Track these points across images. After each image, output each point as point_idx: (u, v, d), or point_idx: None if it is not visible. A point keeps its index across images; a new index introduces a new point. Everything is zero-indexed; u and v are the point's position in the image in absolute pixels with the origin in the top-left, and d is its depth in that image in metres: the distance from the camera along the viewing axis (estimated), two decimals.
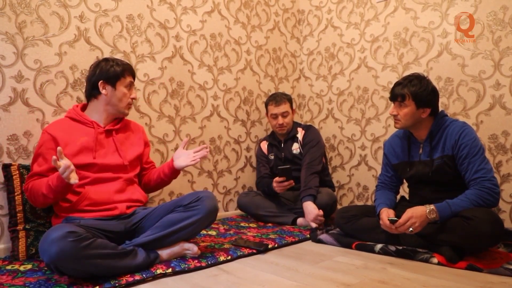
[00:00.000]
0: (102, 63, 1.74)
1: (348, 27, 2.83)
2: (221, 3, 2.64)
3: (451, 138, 1.73)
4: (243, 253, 1.73)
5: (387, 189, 1.99)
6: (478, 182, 1.64)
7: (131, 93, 1.77)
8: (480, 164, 1.66)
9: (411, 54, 2.49)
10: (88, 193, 1.60)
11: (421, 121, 1.79)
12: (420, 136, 1.84)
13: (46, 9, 1.89)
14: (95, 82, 1.71)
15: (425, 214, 1.60)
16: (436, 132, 1.79)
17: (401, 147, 1.92)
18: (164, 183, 1.88)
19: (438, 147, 1.78)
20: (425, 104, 1.75)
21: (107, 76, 1.70)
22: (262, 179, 2.57)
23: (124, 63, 1.76)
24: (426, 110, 1.77)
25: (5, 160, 1.77)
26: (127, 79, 1.75)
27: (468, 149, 1.68)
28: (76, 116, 1.72)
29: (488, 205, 1.62)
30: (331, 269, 1.54)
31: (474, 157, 1.67)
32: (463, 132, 1.71)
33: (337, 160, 2.92)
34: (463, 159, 1.69)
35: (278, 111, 2.52)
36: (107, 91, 1.71)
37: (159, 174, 1.85)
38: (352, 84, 2.82)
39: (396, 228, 1.66)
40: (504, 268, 1.44)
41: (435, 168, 1.76)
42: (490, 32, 2.16)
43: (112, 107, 1.73)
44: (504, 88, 2.12)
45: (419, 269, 1.52)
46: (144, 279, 1.41)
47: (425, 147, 1.82)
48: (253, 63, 2.84)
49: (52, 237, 1.27)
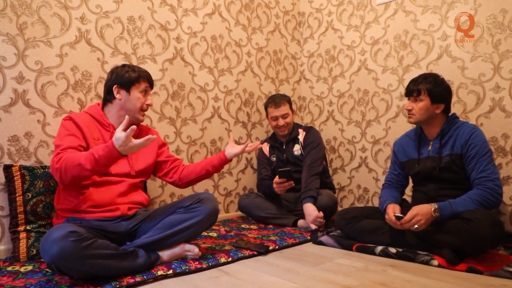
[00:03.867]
0: (119, 69, 1.74)
1: (349, 29, 2.84)
2: (222, 5, 2.65)
3: (461, 138, 1.77)
4: (244, 254, 1.73)
5: (393, 187, 2.03)
6: (482, 182, 1.68)
7: (146, 99, 1.75)
8: (487, 165, 1.70)
9: (411, 56, 2.50)
10: (91, 195, 1.59)
11: (434, 117, 1.84)
12: (431, 133, 1.89)
13: (47, 11, 1.89)
14: (110, 87, 1.71)
15: (430, 212, 1.63)
16: (447, 131, 1.83)
17: (410, 145, 1.97)
18: (209, 175, 1.86)
19: (447, 145, 1.82)
20: (439, 100, 1.82)
21: (122, 81, 1.70)
22: (263, 180, 2.57)
23: (141, 70, 1.75)
24: (440, 106, 1.83)
25: (6, 161, 1.77)
26: (142, 85, 1.73)
27: (477, 150, 1.72)
28: (97, 115, 1.72)
29: (490, 205, 1.64)
30: (332, 271, 1.54)
31: (481, 158, 1.71)
32: (474, 133, 1.76)
33: (337, 162, 2.93)
34: (471, 158, 1.73)
35: (278, 113, 2.52)
36: (121, 96, 1.70)
37: (205, 166, 1.83)
38: (353, 86, 2.82)
39: (402, 224, 1.69)
40: (504, 270, 1.44)
41: (443, 164, 1.79)
42: (489, 35, 2.17)
43: (126, 112, 1.71)
44: (504, 91, 2.13)
45: (420, 271, 1.52)
46: (145, 280, 1.41)
47: (434, 144, 1.87)
48: (253, 65, 2.85)
49: (53, 236, 1.27)
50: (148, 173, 1.83)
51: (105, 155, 1.42)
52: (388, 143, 2.62)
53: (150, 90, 1.79)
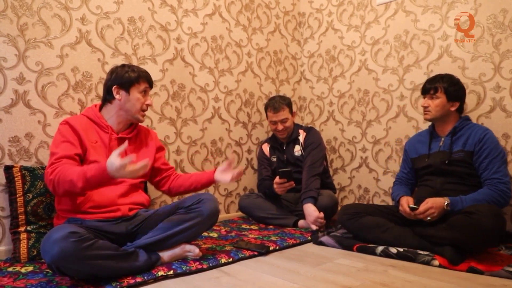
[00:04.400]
0: (118, 69, 1.73)
1: (349, 29, 2.84)
2: (222, 5, 2.65)
3: (475, 136, 1.84)
4: (245, 255, 1.73)
5: (404, 184, 2.11)
6: (494, 184, 1.74)
7: (146, 99, 1.74)
8: (500, 167, 1.77)
9: (411, 56, 2.50)
10: (92, 196, 1.59)
11: (448, 114, 1.94)
12: (443, 130, 1.97)
13: (48, 12, 1.89)
14: (109, 87, 1.71)
15: (443, 206, 1.71)
16: (460, 129, 1.92)
17: (422, 142, 2.06)
18: (196, 191, 1.86)
19: (459, 142, 1.89)
20: (455, 98, 1.92)
21: (121, 81, 1.69)
22: (264, 181, 2.57)
23: (140, 70, 1.74)
24: (455, 104, 1.93)
25: (7, 162, 1.77)
26: (142, 85, 1.72)
27: (491, 149, 1.79)
28: (94, 117, 1.71)
29: (497, 206, 1.68)
30: (332, 271, 1.54)
31: (495, 158, 1.78)
32: (488, 134, 1.84)
33: (338, 162, 2.93)
34: (484, 157, 1.79)
35: (277, 118, 2.51)
36: (120, 96, 1.69)
37: (194, 183, 1.82)
38: (353, 87, 2.82)
39: (415, 215, 1.77)
40: (505, 270, 1.44)
41: (453, 158, 1.86)
42: (490, 35, 2.16)
43: (125, 112, 1.71)
44: (505, 91, 2.12)
45: (420, 271, 1.52)
46: (146, 281, 1.41)
47: (446, 140, 1.94)
48: (254, 65, 2.85)
49: (54, 237, 1.28)
50: (147, 174, 1.83)
51: (97, 176, 1.40)
52: (388, 143, 2.62)
53: (149, 90, 1.79)
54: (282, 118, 2.51)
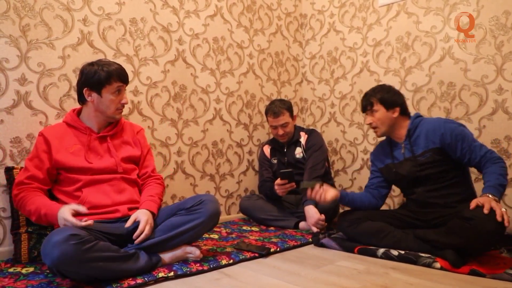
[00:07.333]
0: (88, 68, 1.64)
1: (351, 31, 2.84)
2: (224, 7, 2.65)
3: (434, 132, 1.80)
4: (245, 256, 1.72)
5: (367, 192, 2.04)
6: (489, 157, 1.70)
7: (120, 98, 1.67)
8: (478, 143, 1.74)
9: (413, 58, 2.49)
10: (87, 197, 1.58)
11: (395, 122, 1.90)
12: (399, 136, 1.93)
13: (50, 13, 1.90)
14: (80, 89, 1.66)
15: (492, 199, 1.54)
16: (414, 130, 1.87)
17: (384, 151, 2.01)
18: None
19: (419, 143, 1.84)
20: (392, 104, 1.88)
21: (91, 83, 1.61)
22: (265, 182, 2.56)
23: (111, 67, 1.63)
24: (396, 110, 1.89)
25: (8, 163, 1.77)
26: (114, 85, 1.63)
27: (461, 134, 1.74)
28: (71, 121, 1.69)
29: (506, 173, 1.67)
30: (334, 274, 1.53)
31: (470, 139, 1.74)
32: (446, 123, 1.79)
33: (339, 164, 2.92)
34: (461, 143, 1.74)
35: (277, 123, 2.51)
36: (93, 98, 1.63)
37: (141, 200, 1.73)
38: (354, 88, 2.82)
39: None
40: (507, 273, 1.43)
41: (421, 162, 1.82)
42: (492, 37, 2.16)
43: (101, 113, 1.68)
44: (507, 93, 2.12)
45: (422, 274, 1.52)
46: (146, 282, 1.41)
47: (406, 146, 1.89)
48: (255, 66, 2.85)
49: (54, 240, 1.27)
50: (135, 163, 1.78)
51: (48, 218, 1.47)
52: None
53: (124, 87, 1.70)
54: (283, 123, 2.50)
